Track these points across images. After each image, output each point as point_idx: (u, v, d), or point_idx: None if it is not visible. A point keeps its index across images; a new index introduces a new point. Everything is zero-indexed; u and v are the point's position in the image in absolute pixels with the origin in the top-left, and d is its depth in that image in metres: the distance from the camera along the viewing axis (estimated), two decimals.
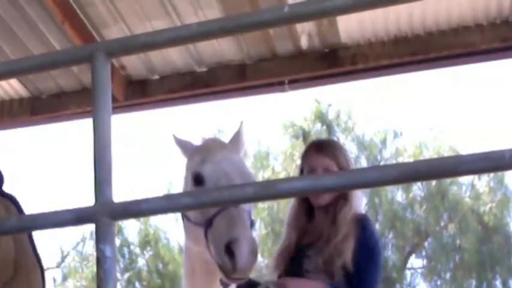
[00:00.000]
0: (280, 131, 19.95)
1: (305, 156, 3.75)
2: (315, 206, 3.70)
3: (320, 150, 3.69)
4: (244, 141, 3.59)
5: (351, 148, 19.80)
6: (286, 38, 5.52)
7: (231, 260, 2.93)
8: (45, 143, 34.80)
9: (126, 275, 19.68)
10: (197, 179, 3.29)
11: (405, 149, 19.48)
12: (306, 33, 5.48)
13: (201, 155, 3.37)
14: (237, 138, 3.58)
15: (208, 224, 3.09)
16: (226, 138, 3.68)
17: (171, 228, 20.23)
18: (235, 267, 2.93)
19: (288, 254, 3.68)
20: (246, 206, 3.15)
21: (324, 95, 19.94)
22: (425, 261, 19.61)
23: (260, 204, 17.77)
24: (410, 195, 19.11)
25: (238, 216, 3.03)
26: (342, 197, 3.61)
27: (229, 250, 2.93)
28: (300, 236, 3.72)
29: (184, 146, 3.55)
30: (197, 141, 3.56)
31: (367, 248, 3.49)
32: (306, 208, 3.74)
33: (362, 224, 3.55)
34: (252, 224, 3.17)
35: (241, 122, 3.61)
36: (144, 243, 20.18)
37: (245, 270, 2.96)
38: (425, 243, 19.51)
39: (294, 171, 18.13)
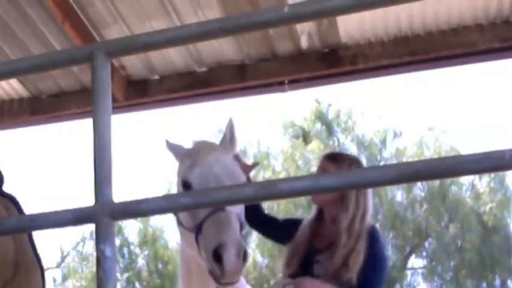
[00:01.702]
0: (280, 131, 19.96)
1: (319, 165, 3.98)
2: (313, 204, 3.86)
3: (330, 159, 3.90)
4: (236, 138, 3.58)
5: (351, 148, 19.80)
6: (286, 38, 5.52)
7: (219, 265, 2.95)
8: (45, 143, 34.82)
9: (126, 275, 19.68)
10: (186, 184, 3.30)
11: (405, 149, 19.48)
12: (306, 33, 5.48)
13: (190, 159, 3.38)
14: (227, 136, 3.57)
15: (198, 230, 3.12)
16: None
17: (171, 228, 20.24)
18: (223, 272, 2.94)
19: (299, 253, 3.74)
20: (236, 209, 3.16)
21: (324, 95, 19.97)
22: (425, 262, 19.61)
23: None
24: (411, 195, 19.11)
25: (225, 220, 3.04)
26: (341, 202, 3.69)
27: (217, 255, 2.95)
28: (312, 240, 3.79)
29: (176, 151, 3.55)
30: (188, 145, 3.56)
31: (376, 262, 3.61)
32: (319, 214, 3.86)
33: (373, 237, 3.66)
34: (242, 226, 3.18)
35: (230, 119, 3.61)
36: (144, 243, 20.18)
37: (233, 275, 2.98)
38: (426, 243, 19.51)
39: (294, 171, 18.14)
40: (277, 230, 4.04)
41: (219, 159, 3.33)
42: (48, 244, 19.06)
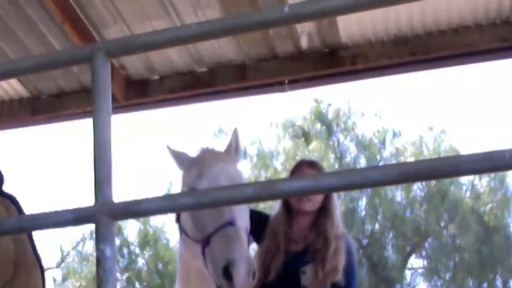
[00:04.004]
0: (280, 131, 19.96)
1: (296, 170, 3.95)
2: (297, 212, 3.84)
3: (311, 165, 3.93)
4: (240, 147, 3.60)
5: (350, 148, 19.81)
6: (286, 38, 5.51)
7: (229, 282, 2.95)
8: (45, 143, 34.83)
9: (126, 275, 19.68)
10: None
11: (405, 149, 19.49)
12: (306, 33, 5.48)
13: (196, 169, 3.37)
14: (232, 145, 3.57)
15: (205, 242, 3.11)
16: (225, 139, 3.69)
17: (171, 228, 20.24)
18: None
19: (278, 259, 3.74)
20: (243, 223, 3.16)
21: (324, 95, 19.97)
22: (425, 261, 19.62)
23: (261, 204, 17.76)
24: (410, 195, 19.11)
25: (235, 236, 3.04)
26: (325, 212, 3.81)
27: (227, 272, 2.95)
28: (287, 244, 3.82)
29: (180, 158, 3.54)
30: (192, 153, 3.55)
31: (353, 268, 3.80)
32: (288, 215, 3.87)
33: (348, 244, 3.82)
34: (249, 240, 3.19)
35: (235, 129, 3.61)
36: (144, 243, 20.18)
37: None
38: (426, 243, 19.51)
39: None
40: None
41: (225, 170, 3.33)
42: (48, 244, 19.08)
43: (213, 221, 3.11)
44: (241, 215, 3.21)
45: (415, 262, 19.95)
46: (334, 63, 5.60)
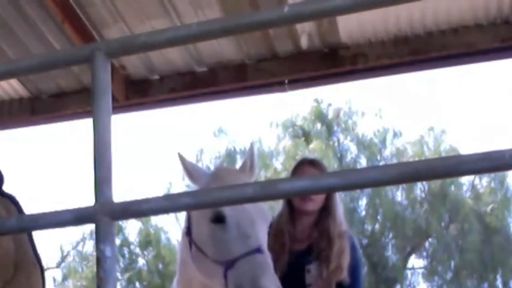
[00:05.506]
0: (280, 130, 19.97)
1: (297, 169, 3.96)
2: (300, 211, 3.85)
3: (312, 164, 3.93)
4: (256, 165, 3.59)
5: (350, 148, 19.81)
6: (286, 38, 5.51)
7: None
8: (45, 143, 34.84)
9: (126, 275, 19.68)
10: (218, 218, 3.22)
11: (406, 149, 19.50)
12: (306, 33, 5.48)
13: None
14: (247, 163, 3.56)
15: (229, 265, 3.07)
16: (226, 139, 3.68)
17: (172, 228, 20.25)
18: None
19: (283, 258, 3.75)
20: (266, 249, 3.14)
21: (324, 95, 19.98)
22: (425, 262, 19.62)
23: None
24: (411, 195, 19.12)
25: (265, 264, 3.03)
26: (327, 211, 3.82)
27: None
28: (291, 244, 3.83)
29: (195, 172, 3.50)
30: (208, 169, 3.54)
31: (358, 266, 3.82)
32: (291, 215, 3.88)
33: (352, 242, 3.83)
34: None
35: (252, 144, 3.59)
36: (145, 243, 20.19)
37: None
38: (426, 243, 19.52)
39: None
40: None
41: None
42: (48, 244, 19.10)
43: (240, 245, 3.09)
44: (265, 241, 3.20)
45: (416, 262, 19.98)
46: (334, 63, 5.59)
